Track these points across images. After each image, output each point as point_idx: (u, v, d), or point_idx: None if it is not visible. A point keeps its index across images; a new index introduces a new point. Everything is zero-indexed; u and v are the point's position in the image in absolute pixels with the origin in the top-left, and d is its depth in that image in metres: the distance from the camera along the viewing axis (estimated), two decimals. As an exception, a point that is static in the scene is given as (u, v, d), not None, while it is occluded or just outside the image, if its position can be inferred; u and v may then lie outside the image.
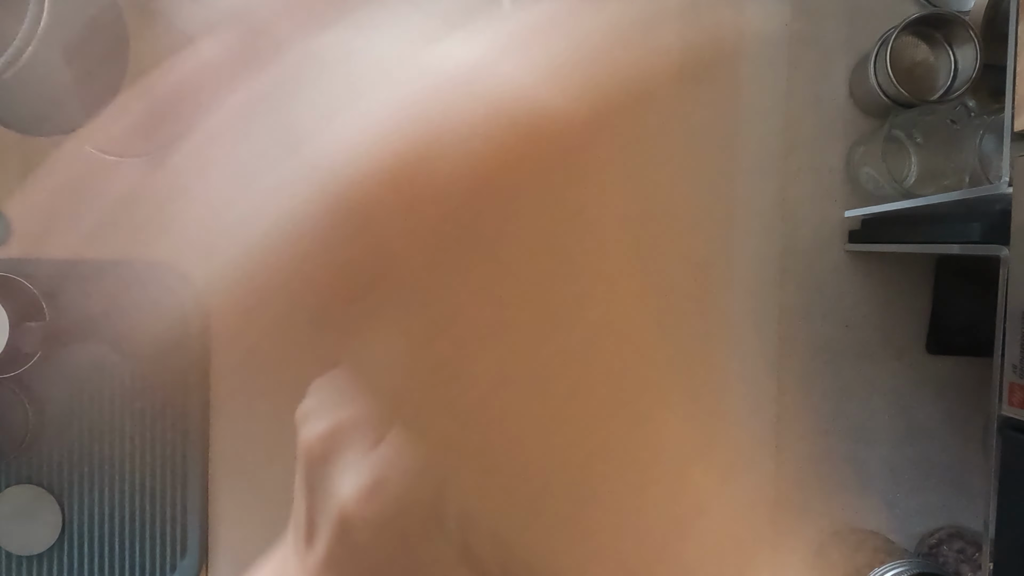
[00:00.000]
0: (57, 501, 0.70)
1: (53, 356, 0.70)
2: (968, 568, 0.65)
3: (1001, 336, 0.44)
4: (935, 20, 0.63)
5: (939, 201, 0.54)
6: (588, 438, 0.17)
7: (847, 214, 0.68)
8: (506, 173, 0.16)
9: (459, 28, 0.18)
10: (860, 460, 0.69)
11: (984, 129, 0.56)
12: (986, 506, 0.44)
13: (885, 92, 0.63)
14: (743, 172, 0.70)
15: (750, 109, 0.70)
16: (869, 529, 0.69)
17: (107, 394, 0.70)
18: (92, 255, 0.70)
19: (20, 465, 0.70)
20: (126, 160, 0.50)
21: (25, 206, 0.59)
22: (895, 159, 0.65)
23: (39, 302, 0.68)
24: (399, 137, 0.16)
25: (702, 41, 0.23)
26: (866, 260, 0.69)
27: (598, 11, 0.20)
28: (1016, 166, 0.44)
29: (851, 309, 0.69)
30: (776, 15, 0.69)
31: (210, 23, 0.21)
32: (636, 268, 0.20)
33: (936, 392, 0.69)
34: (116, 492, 0.70)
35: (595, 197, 0.19)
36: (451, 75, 0.16)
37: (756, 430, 0.70)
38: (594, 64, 0.19)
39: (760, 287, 0.70)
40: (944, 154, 0.61)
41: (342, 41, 0.18)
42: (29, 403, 0.68)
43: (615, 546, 0.17)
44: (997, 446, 0.44)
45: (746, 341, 0.70)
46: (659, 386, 0.19)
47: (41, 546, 0.70)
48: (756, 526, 0.21)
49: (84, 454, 0.70)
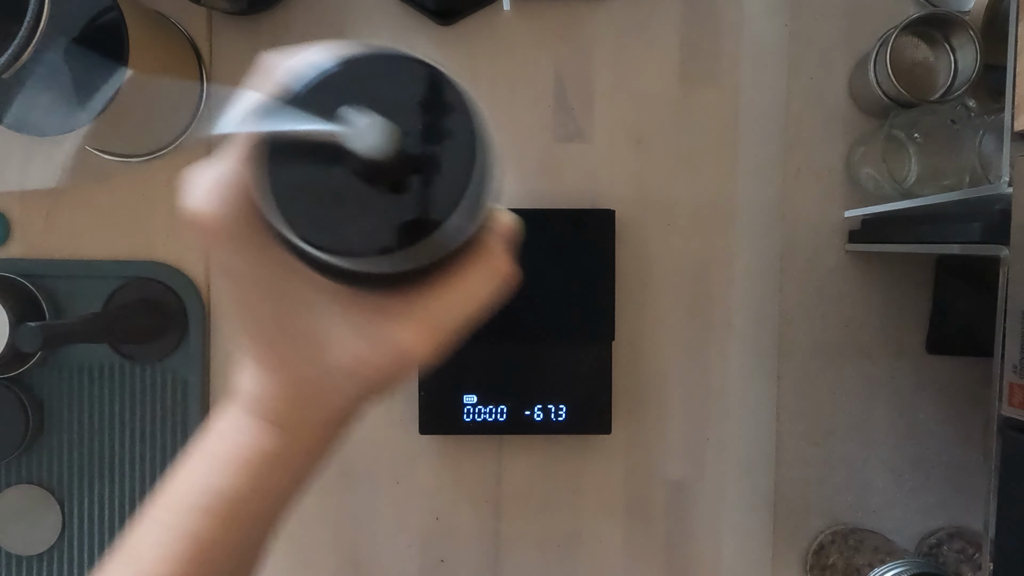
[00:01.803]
0: (57, 501, 0.70)
1: (53, 356, 0.70)
2: (968, 568, 0.65)
3: (1001, 336, 0.44)
4: (935, 20, 0.63)
5: (939, 201, 0.54)
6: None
7: (847, 214, 0.68)
8: None
9: None
10: (860, 460, 0.69)
11: (984, 129, 0.56)
12: (986, 506, 0.44)
13: (885, 92, 0.63)
14: (743, 172, 0.70)
15: (750, 109, 0.70)
16: (869, 529, 0.69)
17: (107, 394, 0.70)
18: (92, 255, 0.70)
19: (20, 465, 0.70)
20: (126, 160, 0.50)
21: (25, 206, 0.60)
22: (895, 159, 0.65)
23: (39, 302, 0.68)
24: None
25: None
26: (866, 260, 0.69)
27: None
28: (1016, 166, 0.44)
29: (851, 309, 0.69)
30: (776, 15, 0.69)
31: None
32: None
33: (936, 392, 0.69)
34: (116, 492, 0.70)
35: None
36: None
37: (756, 430, 0.70)
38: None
39: (760, 287, 0.70)
40: (944, 154, 0.61)
41: None
42: (29, 403, 0.68)
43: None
44: (997, 446, 0.44)
45: (746, 341, 0.70)
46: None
47: (41, 546, 0.70)
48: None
49: (84, 454, 0.70)
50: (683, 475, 0.71)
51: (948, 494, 0.69)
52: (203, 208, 0.26)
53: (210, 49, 0.70)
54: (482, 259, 0.28)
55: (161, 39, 0.63)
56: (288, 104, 0.24)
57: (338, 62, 0.25)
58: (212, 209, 0.26)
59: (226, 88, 0.25)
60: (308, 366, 0.28)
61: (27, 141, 0.69)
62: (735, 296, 0.70)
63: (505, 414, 0.66)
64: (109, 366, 0.70)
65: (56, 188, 0.70)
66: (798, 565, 0.70)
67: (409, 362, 0.28)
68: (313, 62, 0.25)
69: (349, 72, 0.25)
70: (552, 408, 0.66)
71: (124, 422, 0.70)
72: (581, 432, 0.67)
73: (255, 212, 0.25)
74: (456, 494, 0.71)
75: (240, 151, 0.26)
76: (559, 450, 0.71)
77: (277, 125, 0.24)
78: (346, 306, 0.28)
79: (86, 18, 0.56)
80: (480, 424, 0.66)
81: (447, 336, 0.28)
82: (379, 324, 0.27)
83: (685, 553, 0.71)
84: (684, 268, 0.70)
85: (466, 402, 0.66)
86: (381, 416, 0.70)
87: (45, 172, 0.69)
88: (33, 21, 0.46)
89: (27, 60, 0.47)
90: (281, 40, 0.70)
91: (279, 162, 0.24)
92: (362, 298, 0.28)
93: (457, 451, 0.71)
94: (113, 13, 0.55)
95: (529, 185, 0.70)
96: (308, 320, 0.28)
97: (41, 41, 0.47)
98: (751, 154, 0.70)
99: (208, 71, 0.70)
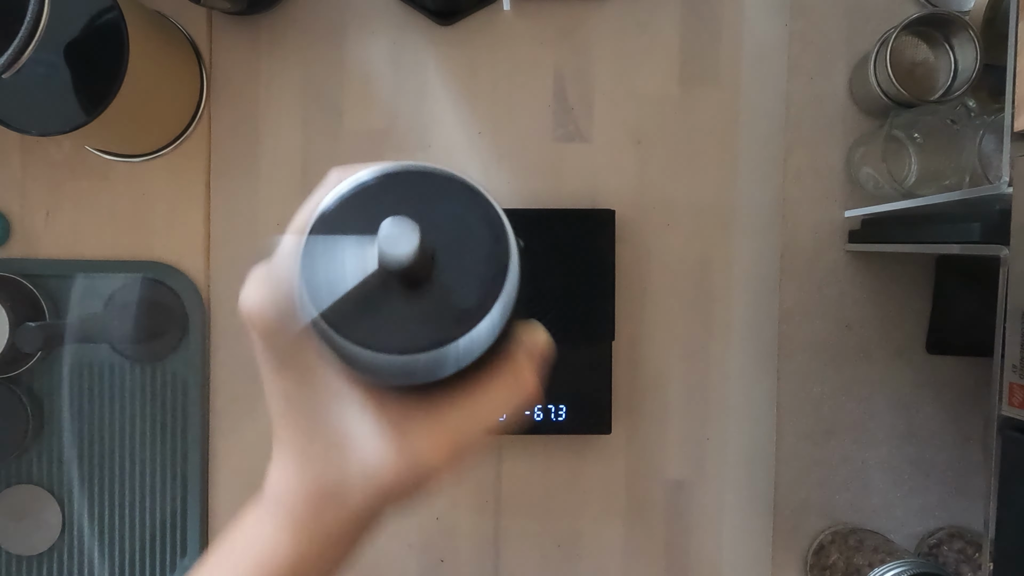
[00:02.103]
0: (57, 501, 0.70)
1: (53, 356, 0.70)
2: (968, 568, 0.65)
3: (1001, 336, 0.44)
4: (935, 20, 0.63)
5: (939, 201, 0.54)
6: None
7: (847, 214, 0.68)
8: None
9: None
10: (860, 460, 0.69)
11: (984, 129, 0.56)
12: (986, 506, 0.44)
13: (885, 92, 0.63)
14: (743, 172, 0.70)
15: (750, 109, 0.70)
16: (869, 529, 0.69)
17: (107, 394, 0.70)
18: (92, 255, 0.70)
19: (20, 465, 0.70)
20: (126, 160, 0.50)
21: (25, 206, 0.60)
22: (895, 159, 0.65)
23: (39, 302, 0.68)
24: None
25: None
26: (866, 260, 0.69)
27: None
28: (1016, 166, 0.44)
29: (851, 309, 0.69)
30: (776, 15, 0.69)
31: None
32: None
33: (936, 392, 0.69)
34: (116, 492, 0.70)
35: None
36: None
37: (756, 430, 0.70)
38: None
39: (760, 287, 0.70)
40: (944, 154, 0.61)
41: None
42: (29, 403, 0.68)
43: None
44: (997, 446, 0.44)
45: (746, 341, 0.70)
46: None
47: (41, 546, 0.70)
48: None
49: (84, 454, 0.70)
50: (683, 475, 0.71)
51: (948, 494, 0.69)
52: (251, 303, 0.28)
53: (210, 49, 0.70)
54: (508, 372, 0.29)
55: (161, 39, 0.63)
56: (329, 214, 0.27)
57: (376, 175, 0.27)
58: (258, 303, 0.28)
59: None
60: (331, 463, 0.29)
61: (27, 141, 0.69)
62: (735, 296, 0.70)
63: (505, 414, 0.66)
64: (109, 366, 0.70)
65: (56, 188, 0.70)
66: (798, 565, 0.70)
67: (425, 472, 0.28)
68: (359, 176, 0.27)
69: (386, 185, 0.27)
70: (552, 408, 0.66)
71: (124, 422, 0.70)
72: (581, 432, 0.67)
73: (297, 307, 0.27)
74: (456, 494, 0.71)
75: (286, 253, 0.28)
76: (559, 450, 0.71)
77: (318, 231, 0.26)
78: (374, 406, 0.28)
79: (86, 18, 0.56)
80: (480, 424, 0.66)
81: (466, 449, 0.29)
82: (403, 429, 0.28)
83: (685, 553, 0.71)
84: (684, 268, 0.70)
85: (466, 402, 0.66)
86: (381, 416, 0.70)
87: (45, 172, 0.69)
88: (33, 21, 0.46)
89: (27, 60, 0.47)
90: (281, 40, 0.70)
91: (318, 263, 0.26)
92: (390, 400, 0.28)
93: (457, 451, 0.71)
94: (113, 13, 0.55)
95: (529, 185, 0.70)
96: (337, 414, 0.29)
97: (41, 41, 0.47)
98: (751, 154, 0.70)
99: (208, 71, 0.70)
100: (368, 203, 0.27)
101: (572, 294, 0.65)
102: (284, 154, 0.70)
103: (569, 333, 0.65)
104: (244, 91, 0.70)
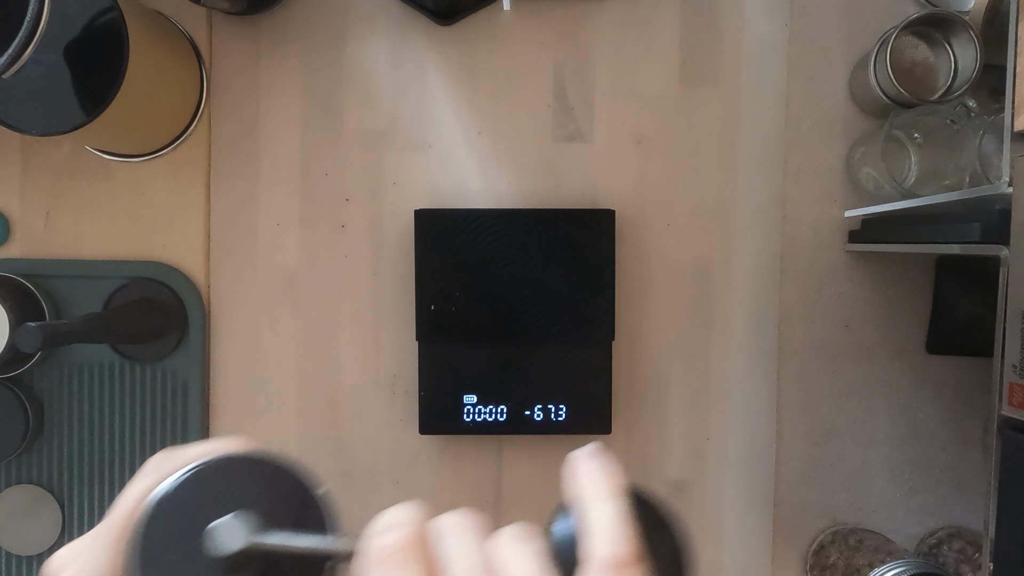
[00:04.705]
0: (57, 501, 0.70)
1: (53, 356, 0.70)
2: (968, 568, 0.65)
3: (1001, 336, 0.44)
4: (935, 20, 0.63)
5: (939, 201, 0.54)
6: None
7: (847, 214, 0.68)
8: None
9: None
10: (860, 460, 0.69)
11: (984, 129, 0.56)
12: (986, 506, 0.44)
13: (885, 92, 0.63)
14: (743, 172, 0.70)
15: (750, 109, 0.70)
16: (869, 529, 0.69)
17: (107, 394, 0.70)
18: (92, 255, 0.70)
19: (20, 465, 0.70)
20: (126, 160, 0.50)
21: (25, 206, 0.60)
22: (895, 159, 0.65)
23: (39, 302, 0.68)
24: None
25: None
26: (866, 260, 0.69)
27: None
28: (1016, 166, 0.44)
29: (851, 309, 0.69)
30: (776, 15, 0.69)
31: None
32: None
33: (936, 392, 0.69)
34: (116, 492, 0.70)
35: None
36: None
37: (756, 430, 0.70)
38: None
39: (760, 287, 0.70)
40: (944, 154, 0.61)
41: None
42: (29, 403, 0.68)
43: None
44: (997, 446, 0.44)
45: (746, 341, 0.70)
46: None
47: (41, 546, 0.70)
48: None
49: (84, 454, 0.70)
50: (683, 475, 0.71)
51: (948, 494, 0.69)
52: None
53: (210, 49, 0.70)
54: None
55: (161, 39, 0.63)
56: (158, 501, 0.28)
57: (194, 467, 0.29)
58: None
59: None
60: None
61: (27, 141, 0.69)
62: (735, 296, 0.70)
63: (505, 414, 0.66)
64: (109, 366, 0.70)
65: (56, 188, 0.70)
66: (798, 565, 0.70)
67: None
68: (177, 465, 0.29)
69: (207, 475, 0.29)
70: (552, 408, 0.66)
71: (124, 422, 0.70)
72: (581, 432, 0.67)
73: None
74: (456, 494, 0.71)
75: (113, 536, 0.28)
76: (559, 450, 0.71)
77: (145, 518, 0.28)
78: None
79: (86, 18, 0.56)
80: (480, 424, 0.66)
81: None
82: None
83: (685, 553, 0.71)
84: (684, 268, 0.70)
85: (466, 402, 0.66)
86: (381, 416, 0.70)
87: (45, 172, 0.69)
88: (33, 21, 0.46)
89: (27, 60, 0.47)
90: (281, 40, 0.70)
91: (149, 549, 0.28)
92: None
93: (457, 451, 0.71)
94: (113, 13, 0.55)
95: (529, 185, 0.70)
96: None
97: (41, 41, 0.47)
98: (751, 154, 0.70)
99: (208, 71, 0.70)
100: (197, 495, 0.29)
101: (572, 294, 0.65)
102: (284, 154, 0.70)
103: (569, 333, 0.66)
104: (244, 91, 0.70)
